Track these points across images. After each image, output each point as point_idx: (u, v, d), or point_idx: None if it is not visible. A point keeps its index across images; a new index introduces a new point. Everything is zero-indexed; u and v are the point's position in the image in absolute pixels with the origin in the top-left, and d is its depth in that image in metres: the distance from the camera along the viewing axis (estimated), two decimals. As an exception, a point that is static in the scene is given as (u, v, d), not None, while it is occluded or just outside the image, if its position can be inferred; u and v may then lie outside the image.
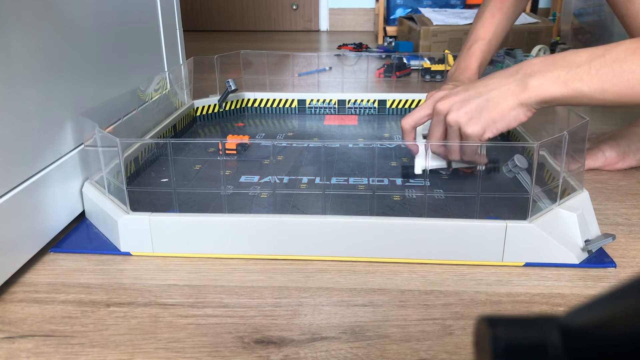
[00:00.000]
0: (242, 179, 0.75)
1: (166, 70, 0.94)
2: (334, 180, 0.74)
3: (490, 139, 0.61)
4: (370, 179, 0.73)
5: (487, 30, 0.85)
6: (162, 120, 0.88)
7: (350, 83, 1.42)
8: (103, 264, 0.57)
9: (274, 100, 1.11)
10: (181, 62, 1.00)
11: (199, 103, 1.04)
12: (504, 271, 0.55)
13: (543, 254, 0.55)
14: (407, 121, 0.68)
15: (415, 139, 0.70)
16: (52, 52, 0.60)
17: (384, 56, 1.85)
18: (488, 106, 0.59)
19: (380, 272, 0.55)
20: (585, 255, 0.56)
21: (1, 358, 0.43)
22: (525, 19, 1.94)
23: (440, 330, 0.46)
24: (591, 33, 1.75)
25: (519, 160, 0.64)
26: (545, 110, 0.76)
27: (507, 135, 0.90)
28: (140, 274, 0.55)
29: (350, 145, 0.87)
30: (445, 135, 0.64)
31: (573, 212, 0.56)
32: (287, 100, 1.11)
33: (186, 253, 0.58)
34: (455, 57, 1.43)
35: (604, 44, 0.56)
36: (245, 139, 0.87)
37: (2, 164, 0.51)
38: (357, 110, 1.10)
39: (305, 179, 0.75)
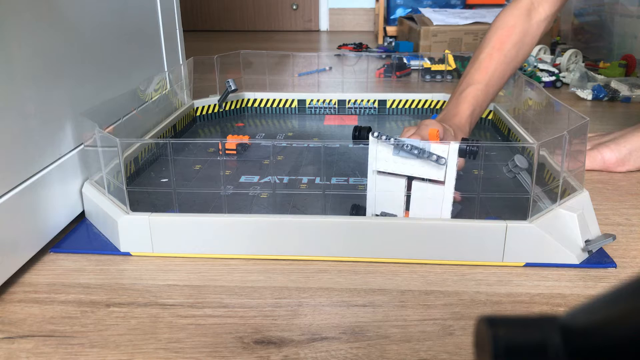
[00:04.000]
0: (242, 179, 0.75)
1: (166, 70, 0.94)
2: (334, 181, 0.74)
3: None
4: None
5: (483, 73, 0.76)
6: (162, 120, 0.88)
7: (350, 83, 1.42)
8: (103, 264, 0.57)
9: (274, 100, 1.11)
10: (181, 62, 1.00)
11: (199, 103, 1.04)
12: (504, 271, 0.55)
13: (543, 254, 0.55)
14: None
15: None
16: (52, 52, 0.60)
17: (384, 56, 1.85)
18: None
19: (380, 272, 0.55)
20: (585, 255, 0.56)
21: (1, 358, 0.43)
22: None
23: (441, 330, 0.46)
24: (591, 33, 1.75)
25: (519, 160, 0.64)
26: (546, 110, 0.76)
27: (507, 135, 0.90)
28: (140, 274, 0.55)
29: (350, 146, 0.87)
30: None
31: (573, 212, 0.56)
32: (287, 100, 1.11)
33: (186, 253, 0.58)
34: (455, 57, 1.43)
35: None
36: (245, 139, 0.87)
37: (2, 164, 0.51)
38: (357, 110, 1.10)
39: (305, 179, 0.75)
